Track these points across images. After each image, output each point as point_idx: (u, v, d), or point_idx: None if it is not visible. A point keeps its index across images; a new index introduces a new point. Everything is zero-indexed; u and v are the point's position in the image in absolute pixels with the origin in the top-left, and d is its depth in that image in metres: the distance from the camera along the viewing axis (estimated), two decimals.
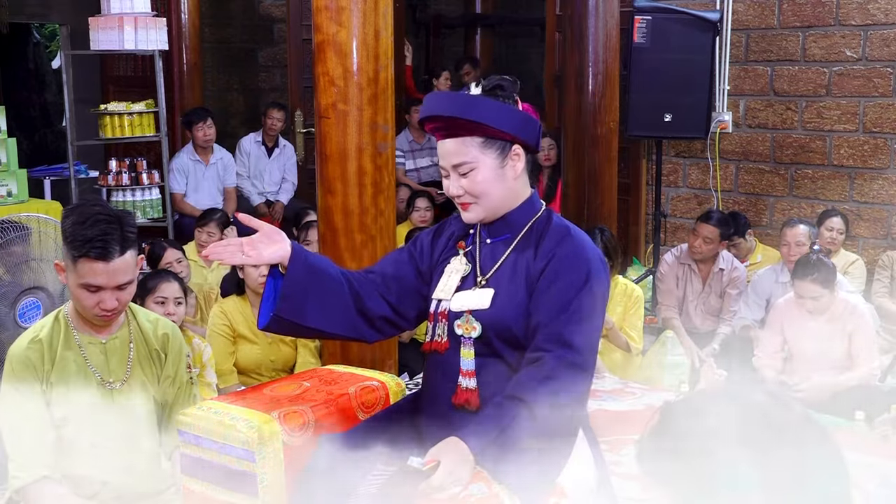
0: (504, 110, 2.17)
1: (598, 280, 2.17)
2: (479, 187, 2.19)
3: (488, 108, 2.15)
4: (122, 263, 2.40)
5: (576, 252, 2.18)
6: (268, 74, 8.59)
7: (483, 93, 2.20)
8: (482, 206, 2.22)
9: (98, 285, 2.41)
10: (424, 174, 7.47)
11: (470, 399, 2.21)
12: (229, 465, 2.24)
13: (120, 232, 2.39)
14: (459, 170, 2.19)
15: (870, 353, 4.26)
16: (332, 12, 3.38)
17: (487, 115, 2.14)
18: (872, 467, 2.95)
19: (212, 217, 5.39)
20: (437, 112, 2.19)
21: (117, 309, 2.47)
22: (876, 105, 5.86)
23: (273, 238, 2.21)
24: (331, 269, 2.29)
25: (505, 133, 2.17)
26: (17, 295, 3.88)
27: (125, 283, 2.44)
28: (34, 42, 9.69)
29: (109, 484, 2.54)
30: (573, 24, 5.47)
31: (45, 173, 7.15)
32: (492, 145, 2.17)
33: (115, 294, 2.44)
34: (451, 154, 2.19)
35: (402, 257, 2.39)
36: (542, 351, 2.09)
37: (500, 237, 2.27)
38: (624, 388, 4.22)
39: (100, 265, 2.38)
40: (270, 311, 2.22)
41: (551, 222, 2.25)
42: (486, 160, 2.18)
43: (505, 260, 2.24)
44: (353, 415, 2.43)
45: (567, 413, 2.11)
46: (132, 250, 2.44)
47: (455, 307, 2.24)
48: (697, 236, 5.15)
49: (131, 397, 2.56)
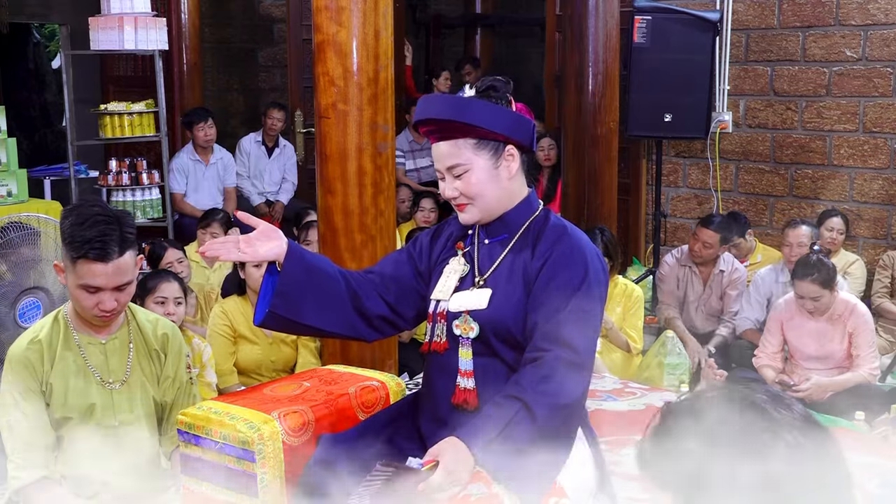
0: (496, 112, 2.17)
1: (595, 279, 2.17)
2: (473, 189, 2.20)
3: (480, 109, 2.16)
4: (120, 264, 2.40)
5: (573, 251, 2.18)
6: (268, 74, 8.59)
7: (476, 94, 2.21)
8: (478, 206, 2.23)
9: (97, 286, 2.40)
10: (424, 174, 7.47)
11: (468, 399, 2.21)
12: (229, 465, 2.24)
13: (119, 233, 2.39)
14: (454, 171, 2.20)
15: (870, 353, 4.26)
16: (332, 12, 3.37)
17: (479, 117, 2.15)
18: (872, 467, 2.95)
19: (214, 217, 5.39)
20: (429, 115, 2.20)
21: (116, 309, 2.47)
22: (876, 105, 5.85)
23: (270, 235, 2.22)
24: (328, 267, 2.30)
25: (498, 134, 2.17)
26: (17, 295, 3.89)
27: (124, 283, 2.44)
28: (34, 42, 9.69)
29: (109, 484, 2.54)
30: (573, 24, 5.47)
31: (45, 173, 7.15)
32: (485, 146, 2.18)
33: (114, 295, 2.43)
34: (445, 156, 2.20)
35: (402, 258, 2.39)
36: (541, 350, 2.09)
37: (497, 237, 2.28)
38: (624, 388, 4.22)
39: (98, 266, 2.38)
40: (266, 308, 2.23)
41: (549, 221, 2.26)
42: (480, 161, 2.18)
43: (502, 260, 2.25)
44: (353, 415, 2.43)
45: (566, 413, 2.11)
46: (131, 251, 2.43)
47: (453, 307, 2.24)
48: (697, 240, 5.14)
49: (130, 397, 2.57)
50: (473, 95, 2.21)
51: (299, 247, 2.28)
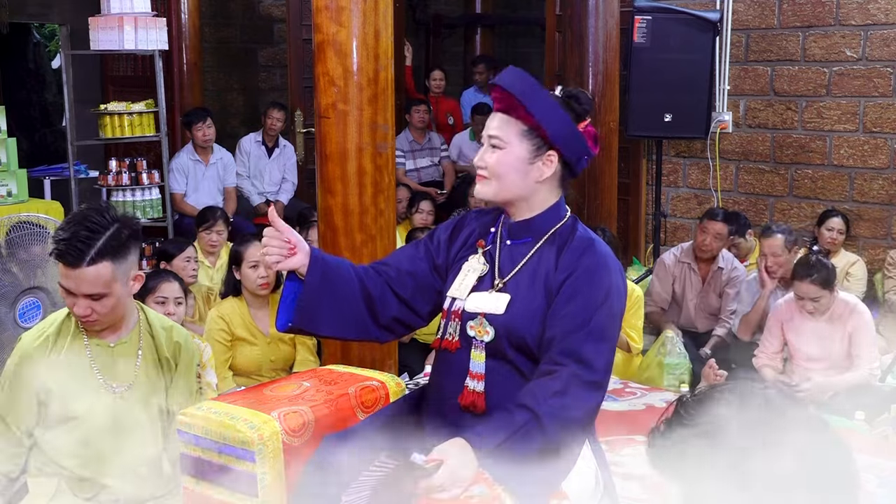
0: (558, 116, 2.16)
1: (618, 297, 2.16)
2: (500, 168, 2.18)
3: (546, 105, 2.15)
4: (88, 274, 2.31)
5: (598, 266, 2.16)
6: (268, 74, 8.59)
7: (559, 98, 2.19)
8: (494, 186, 2.21)
9: (67, 288, 2.36)
10: (424, 174, 7.46)
11: (476, 401, 2.20)
12: (229, 465, 2.24)
13: (102, 242, 2.31)
14: (492, 141, 2.19)
15: (870, 353, 4.26)
16: (332, 12, 3.37)
17: (540, 110, 2.14)
18: (872, 467, 2.95)
19: (215, 215, 5.39)
20: (503, 83, 2.18)
21: (92, 318, 2.40)
22: (876, 105, 5.85)
23: (299, 245, 2.23)
24: (346, 272, 2.28)
25: (546, 135, 2.16)
26: (17, 295, 3.89)
27: (95, 294, 2.35)
28: (34, 42, 9.68)
29: (108, 488, 2.53)
30: (573, 24, 5.47)
31: (45, 173, 7.15)
32: (531, 138, 2.17)
33: (87, 302, 2.36)
34: (494, 126, 2.20)
35: (418, 253, 2.36)
36: (558, 365, 2.07)
37: (521, 240, 2.25)
38: (624, 389, 4.22)
39: (66, 269, 2.33)
40: (287, 320, 2.24)
41: (576, 232, 2.24)
42: (519, 148, 2.17)
43: (525, 265, 2.22)
44: (353, 415, 2.43)
45: (576, 428, 2.11)
46: (113, 263, 2.34)
47: (469, 308, 2.22)
48: (706, 234, 5.12)
49: (135, 403, 2.54)
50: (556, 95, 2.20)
51: (321, 255, 2.27)
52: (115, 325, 2.51)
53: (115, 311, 2.45)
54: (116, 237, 2.36)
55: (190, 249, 4.68)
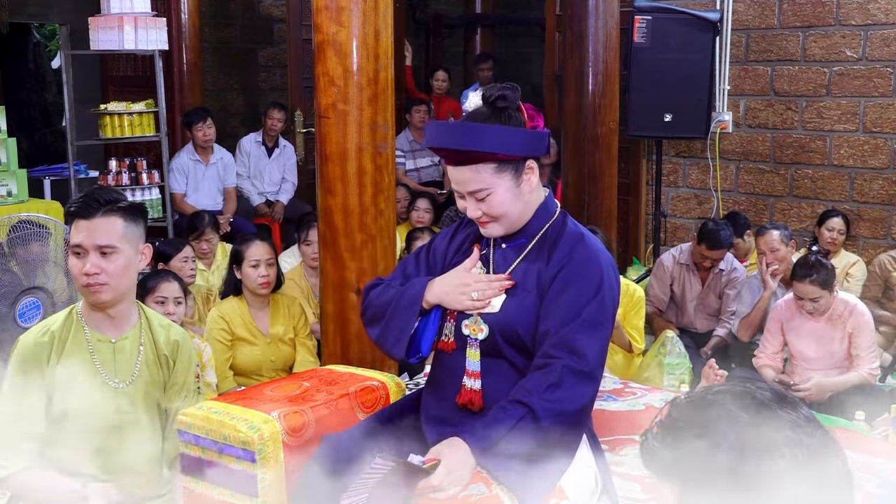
0: (513, 135, 2.12)
1: (609, 289, 2.17)
2: (497, 209, 2.17)
3: (497, 135, 2.10)
4: (101, 223, 2.43)
5: (589, 260, 2.17)
6: (268, 74, 8.59)
7: (485, 104, 2.16)
8: (502, 224, 2.21)
9: (78, 243, 2.42)
10: (424, 174, 7.47)
11: (473, 399, 2.21)
12: (229, 465, 2.24)
13: (111, 199, 2.46)
14: (476, 195, 2.16)
15: (870, 353, 4.26)
16: (332, 12, 3.37)
17: (497, 144, 2.10)
18: (872, 467, 2.94)
19: (203, 223, 5.35)
20: (445, 145, 2.15)
21: (101, 278, 2.44)
22: (876, 105, 5.85)
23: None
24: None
25: (514, 156, 2.13)
26: (17, 295, 3.89)
27: (106, 245, 2.43)
28: (34, 42, 9.69)
29: (108, 484, 2.53)
30: (573, 24, 5.47)
31: (45, 173, 7.16)
32: (505, 168, 2.14)
33: (98, 259, 2.43)
34: (466, 182, 2.16)
35: (419, 271, 2.38)
36: (551, 358, 2.09)
37: (514, 242, 2.27)
38: (624, 388, 4.21)
39: (82, 222, 2.43)
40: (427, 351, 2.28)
41: (566, 227, 2.24)
42: (502, 183, 2.15)
43: (518, 265, 2.24)
44: (353, 415, 2.43)
45: (572, 421, 2.11)
46: (121, 219, 2.46)
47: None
48: (705, 258, 5.09)
49: (135, 399, 2.55)
50: (481, 106, 2.16)
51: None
52: (117, 301, 2.50)
53: (123, 277, 2.48)
54: (128, 203, 2.53)
55: (187, 249, 4.67)
